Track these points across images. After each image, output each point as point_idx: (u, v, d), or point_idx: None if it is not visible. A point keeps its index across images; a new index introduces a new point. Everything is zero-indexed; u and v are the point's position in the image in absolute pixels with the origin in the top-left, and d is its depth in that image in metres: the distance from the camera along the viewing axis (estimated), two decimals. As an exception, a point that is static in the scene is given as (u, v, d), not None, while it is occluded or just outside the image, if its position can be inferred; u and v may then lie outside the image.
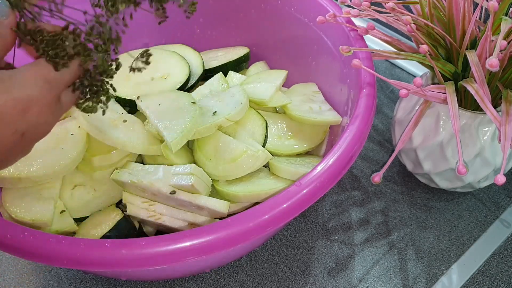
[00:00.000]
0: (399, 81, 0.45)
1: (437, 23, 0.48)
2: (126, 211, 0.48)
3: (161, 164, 0.48)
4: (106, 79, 0.33)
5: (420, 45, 0.43)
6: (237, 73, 0.60)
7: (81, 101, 0.34)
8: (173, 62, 0.59)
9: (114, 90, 0.34)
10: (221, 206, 0.45)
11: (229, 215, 0.45)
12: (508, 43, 0.42)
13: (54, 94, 0.30)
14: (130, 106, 0.55)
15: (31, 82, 0.29)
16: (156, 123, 0.48)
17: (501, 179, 0.37)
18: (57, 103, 0.31)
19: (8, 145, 0.29)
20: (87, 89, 0.33)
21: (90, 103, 0.34)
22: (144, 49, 0.36)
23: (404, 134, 0.47)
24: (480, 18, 0.51)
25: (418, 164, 0.53)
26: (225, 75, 0.59)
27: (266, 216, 0.36)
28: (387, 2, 0.45)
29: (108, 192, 0.50)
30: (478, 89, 0.42)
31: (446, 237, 0.54)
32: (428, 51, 0.43)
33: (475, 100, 0.42)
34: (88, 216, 0.49)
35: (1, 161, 0.30)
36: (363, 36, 0.50)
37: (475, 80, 0.43)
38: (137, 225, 0.50)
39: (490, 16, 0.40)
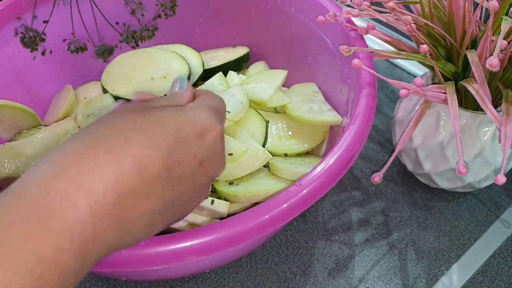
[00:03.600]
0: (399, 81, 0.45)
1: (437, 23, 0.48)
2: (126, 211, 0.48)
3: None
4: None
5: (420, 45, 0.43)
6: (237, 73, 0.60)
7: None
8: (173, 62, 0.59)
9: None
10: (221, 206, 0.45)
11: (229, 215, 0.45)
12: (509, 43, 0.42)
13: (222, 123, 0.32)
14: (130, 106, 0.55)
15: (204, 110, 0.31)
16: (156, 123, 0.48)
17: (501, 179, 0.37)
18: (223, 136, 0.32)
19: (189, 171, 0.29)
20: None
21: None
22: None
23: (404, 134, 0.47)
24: (480, 18, 0.51)
25: (418, 164, 0.53)
26: (225, 75, 0.59)
27: (266, 216, 0.36)
28: (387, 2, 0.45)
29: (108, 192, 0.50)
30: (478, 89, 0.42)
31: (447, 237, 0.54)
32: (428, 51, 0.43)
33: (475, 100, 0.42)
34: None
35: (185, 191, 0.30)
36: (363, 36, 0.50)
37: (475, 80, 0.43)
38: (137, 225, 0.49)
39: (491, 16, 0.40)
